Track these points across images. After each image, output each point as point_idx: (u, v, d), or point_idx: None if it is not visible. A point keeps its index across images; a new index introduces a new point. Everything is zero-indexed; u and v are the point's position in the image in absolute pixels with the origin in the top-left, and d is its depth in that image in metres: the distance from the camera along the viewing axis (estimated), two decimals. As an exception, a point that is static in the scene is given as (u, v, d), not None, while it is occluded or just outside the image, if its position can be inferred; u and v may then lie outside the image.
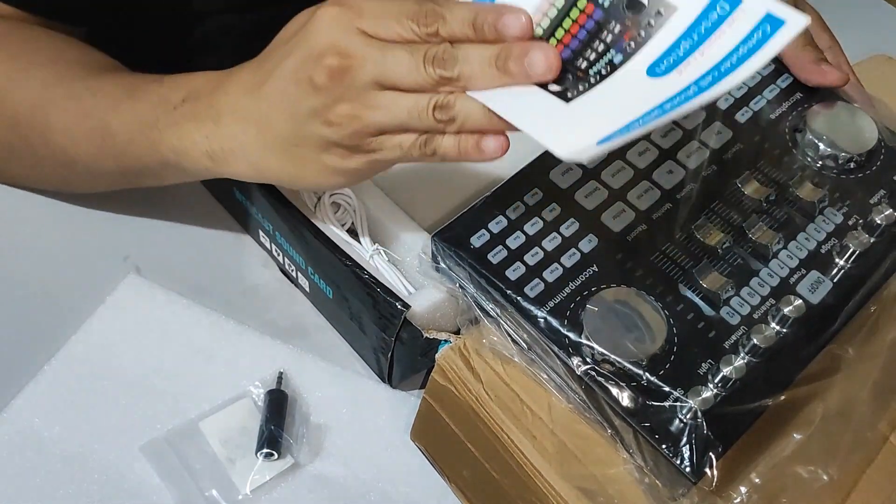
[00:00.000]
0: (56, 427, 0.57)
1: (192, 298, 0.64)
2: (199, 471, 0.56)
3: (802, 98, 0.62)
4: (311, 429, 0.59)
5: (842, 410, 0.50)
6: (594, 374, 0.48)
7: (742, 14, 0.41)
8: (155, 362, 0.61)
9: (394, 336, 0.57)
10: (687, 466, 0.46)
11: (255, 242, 0.69)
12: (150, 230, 0.69)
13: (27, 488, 0.55)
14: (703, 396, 0.47)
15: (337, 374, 0.62)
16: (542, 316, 0.50)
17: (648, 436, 0.47)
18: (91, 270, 0.65)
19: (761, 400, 0.48)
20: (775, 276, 0.53)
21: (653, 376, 0.48)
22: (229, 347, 0.62)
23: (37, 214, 0.68)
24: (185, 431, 0.58)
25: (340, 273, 0.59)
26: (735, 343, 0.50)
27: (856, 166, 0.58)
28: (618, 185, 0.57)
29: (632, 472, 0.48)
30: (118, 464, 0.57)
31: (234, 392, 0.60)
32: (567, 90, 0.46)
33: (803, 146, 0.59)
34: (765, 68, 0.63)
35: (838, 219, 0.56)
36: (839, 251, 0.54)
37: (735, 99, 0.61)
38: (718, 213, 0.55)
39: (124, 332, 0.62)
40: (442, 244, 0.54)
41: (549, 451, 0.49)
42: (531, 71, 0.47)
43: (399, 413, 0.61)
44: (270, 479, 0.56)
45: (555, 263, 0.53)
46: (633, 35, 0.46)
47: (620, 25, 0.46)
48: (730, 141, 0.59)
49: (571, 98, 0.46)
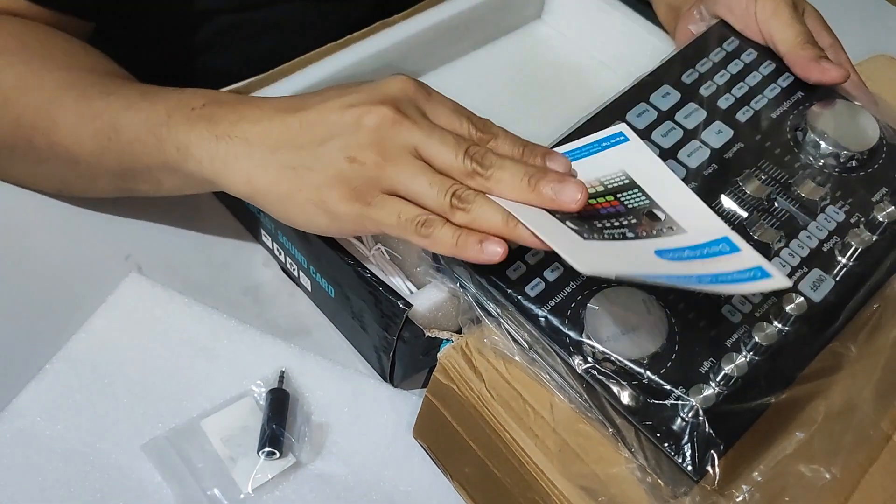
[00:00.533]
0: (58, 426, 0.57)
1: (194, 297, 0.64)
2: (200, 470, 0.56)
3: (803, 97, 0.62)
4: (312, 428, 0.59)
5: (844, 409, 0.49)
6: (595, 373, 0.48)
7: (739, 258, 0.47)
8: (156, 361, 0.61)
9: (395, 335, 0.57)
10: (689, 465, 0.45)
11: (257, 241, 0.69)
12: (152, 229, 0.68)
13: (29, 487, 0.55)
14: (705, 395, 0.47)
15: (339, 372, 0.62)
16: (543, 315, 0.50)
17: (650, 434, 0.46)
18: (92, 269, 0.65)
19: (763, 398, 0.48)
20: (777, 275, 0.52)
21: (654, 375, 0.48)
22: (231, 346, 0.62)
23: (38, 214, 0.68)
24: (186, 430, 0.57)
25: (342, 272, 0.59)
26: (737, 341, 0.50)
27: (857, 164, 0.58)
28: (618, 185, 0.56)
29: (633, 472, 0.48)
30: (120, 462, 0.56)
31: (235, 391, 0.60)
32: (583, 233, 0.51)
33: (805, 145, 0.58)
34: (765, 67, 0.63)
35: (840, 217, 0.55)
36: (841, 249, 0.54)
37: (736, 98, 0.61)
38: (719, 212, 0.55)
39: (126, 331, 0.62)
40: (443, 243, 0.54)
41: (552, 450, 0.49)
42: (559, 196, 0.50)
43: (401, 412, 0.60)
44: (272, 478, 0.56)
45: (555, 262, 0.52)
46: (648, 232, 0.51)
47: (638, 222, 0.51)
48: (731, 140, 0.59)
49: (587, 239, 0.50)
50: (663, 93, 0.61)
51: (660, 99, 0.60)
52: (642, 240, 0.51)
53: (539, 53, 0.82)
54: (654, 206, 0.52)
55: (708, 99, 0.61)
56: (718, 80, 0.62)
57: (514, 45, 0.82)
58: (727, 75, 0.62)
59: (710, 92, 0.61)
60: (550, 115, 0.64)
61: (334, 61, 0.71)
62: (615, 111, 0.60)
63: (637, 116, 0.59)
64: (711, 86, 0.62)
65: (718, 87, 0.62)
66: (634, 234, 0.51)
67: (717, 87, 0.62)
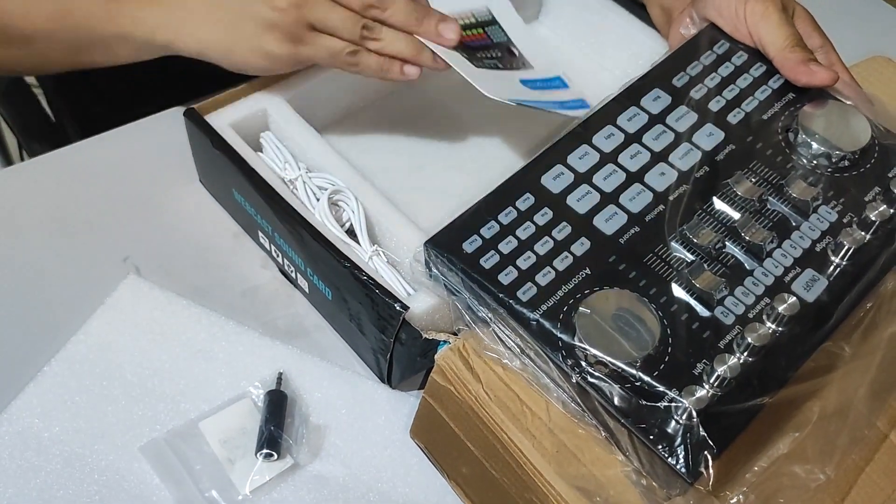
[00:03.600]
0: (56, 427, 0.56)
1: (192, 299, 0.63)
2: (198, 471, 0.55)
3: (794, 98, 0.60)
4: (310, 429, 0.58)
5: (839, 408, 0.48)
6: (588, 376, 0.46)
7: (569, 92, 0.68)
8: (154, 363, 0.59)
9: (393, 337, 0.56)
10: (683, 467, 0.44)
11: (255, 243, 0.68)
12: (150, 231, 0.67)
13: (27, 488, 0.53)
14: (699, 396, 0.45)
15: (336, 374, 0.60)
16: (535, 319, 0.48)
17: (644, 437, 0.45)
18: (91, 271, 0.64)
19: (757, 399, 0.46)
20: (770, 275, 0.51)
21: (647, 377, 0.46)
22: (229, 348, 0.61)
23: (37, 216, 0.67)
24: (184, 432, 0.56)
25: (339, 274, 0.57)
26: (730, 342, 0.48)
27: (849, 164, 0.56)
28: (610, 189, 0.55)
29: (629, 474, 0.46)
30: (118, 464, 0.55)
31: (233, 392, 0.58)
32: (472, 61, 0.65)
33: (796, 145, 0.57)
34: (755, 69, 0.61)
35: (832, 217, 0.54)
36: (834, 249, 0.52)
37: (727, 100, 0.59)
38: (711, 213, 0.54)
39: (124, 333, 0.60)
40: (434, 250, 0.52)
41: (548, 451, 0.48)
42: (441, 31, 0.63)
43: (398, 413, 0.59)
44: (270, 480, 0.55)
45: (547, 267, 0.51)
46: (510, 65, 0.68)
47: (503, 55, 0.68)
48: (722, 142, 0.57)
49: (478, 67, 0.65)
50: (654, 96, 0.59)
51: (651, 102, 0.59)
52: (509, 70, 0.67)
53: (537, 55, 0.81)
54: (510, 44, 0.69)
55: (699, 102, 0.59)
56: (709, 83, 0.61)
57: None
58: (718, 78, 0.61)
59: (700, 95, 0.60)
60: (548, 116, 0.64)
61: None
62: (606, 115, 0.58)
63: (628, 121, 0.58)
64: (702, 88, 0.60)
65: (709, 90, 0.60)
66: (503, 66, 0.67)
67: (708, 89, 0.60)
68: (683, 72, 0.61)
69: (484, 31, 0.69)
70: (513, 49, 0.68)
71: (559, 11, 0.82)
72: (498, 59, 0.67)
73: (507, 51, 0.68)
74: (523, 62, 0.68)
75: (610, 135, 0.57)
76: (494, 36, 0.69)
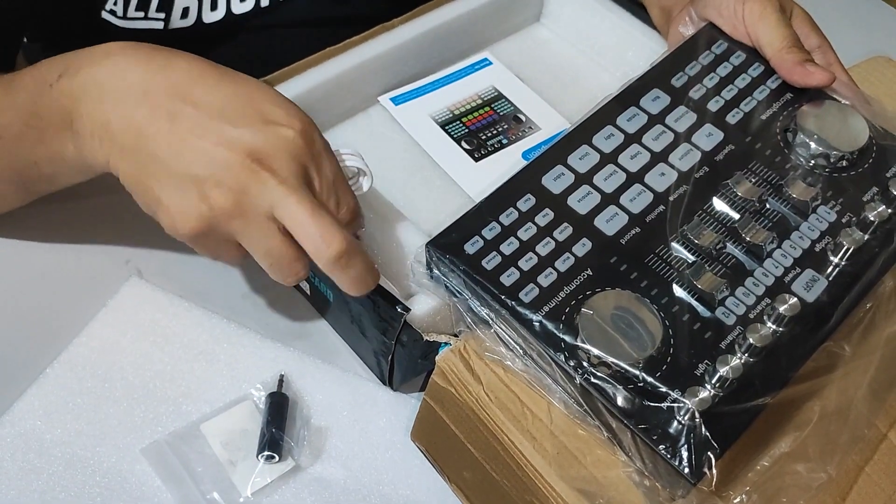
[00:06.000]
0: (58, 430, 0.55)
1: (194, 301, 0.62)
2: (199, 473, 0.54)
3: (792, 98, 0.59)
4: (312, 431, 0.57)
5: (839, 408, 0.47)
6: (590, 378, 0.45)
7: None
8: (156, 365, 0.58)
9: (394, 339, 0.55)
10: (686, 468, 0.43)
11: (256, 246, 0.67)
12: (152, 234, 0.65)
13: (29, 491, 0.52)
14: (701, 397, 0.45)
15: (338, 376, 0.60)
16: (538, 320, 0.47)
17: (646, 437, 0.44)
18: (93, 274, 0.63)
19: (759, 399, 0.45)
20: (770, 276, 0.50)
21: (650, 378, 0.45)
22: (230, 350, 0.60)
23: (38, 218, 0.65)
24: (186, 434, 0.55)
25: (339, 276, 0.56)
26: (731, 343, 0.47)
27: (848, 164, 0.55)
28: (610, 189, 0.54)
29: (631, 475, 0.45)
30: (119, 466, 0.54)
31: (235, 394, 0.57)
32: (474, 153, 0.69)
33: (795, 146, 0.56)
34: (754, 69, 0.61)
35: (832, 217, 0.53)
36: (833, 249, 0.51)
37: (725, 101, 0.59)
38: (711, 214, 0.53)
39: (126, 336, 0.59)
40: (436, 252, 0.51)
41: (550, 453, 0.47)
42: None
43: (400, 415, 0.58)
44: (271, 482, 0.54)
45: (549, 268, 0.50)
46: (515, 135, 0.71)
47: (508, 127, 0.71)
48: (721, 142, 0.56)
49: (478, 160, 0.69)
50: (653, 97, 0.59)
51: (650, 103, 0.58)
52: (513, 144, 0.70)
53: (538, 56, 0.80)
54: (517, 112, 0.72)
55: (697, 102, 0.59)
56: (708, 83, 0.60)
57: (513, 48, 0.81)
58: (716, 78, 0.60)
59: (699, 95, 0.59)
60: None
61: (334, 64, 0.69)
62: (606, 115, 0.57)
63: (627, 121, 0.57)
64: (701, 89, 0.59)
65: (708, 90, 0.59)
66: (507, 140, 0.70)
67: (707, 89, 0.59)
68: (682, 72, 0.60)
69: (491, 107, 0.72)
70: (520, 116, 0.72)
71: (559, 12, 0.81)
72: (503, 133, 0.70)
73: (513, 119, 0.72)
74: (531, 126, 0.71)
75: (610, 135, 0.56)
76: (500, 109, 0.72)
